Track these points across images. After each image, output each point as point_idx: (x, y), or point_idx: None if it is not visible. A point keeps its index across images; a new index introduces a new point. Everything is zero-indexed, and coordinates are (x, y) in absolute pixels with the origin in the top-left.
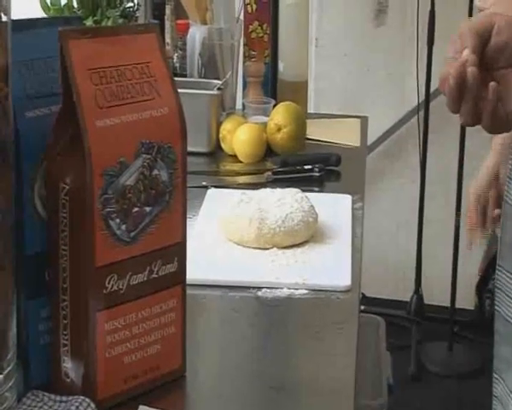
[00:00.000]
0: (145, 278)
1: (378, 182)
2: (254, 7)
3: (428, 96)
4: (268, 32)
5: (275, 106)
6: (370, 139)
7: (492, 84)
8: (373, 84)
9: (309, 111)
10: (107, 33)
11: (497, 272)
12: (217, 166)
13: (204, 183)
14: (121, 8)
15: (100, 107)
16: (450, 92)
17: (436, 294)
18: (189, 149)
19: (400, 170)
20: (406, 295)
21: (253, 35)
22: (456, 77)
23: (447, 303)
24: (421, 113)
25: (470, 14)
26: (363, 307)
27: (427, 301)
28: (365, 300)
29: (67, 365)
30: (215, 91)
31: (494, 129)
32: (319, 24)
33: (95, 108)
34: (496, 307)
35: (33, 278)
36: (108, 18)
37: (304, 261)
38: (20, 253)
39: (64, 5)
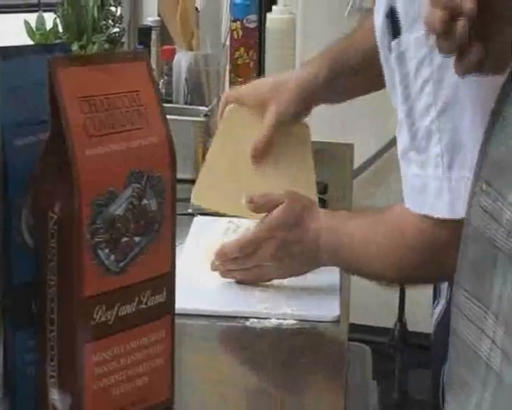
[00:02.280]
0: (134, 309)
1: (363, 206)
2: (240, 33)
3: None
4: (254, 58)
5: None
6: (356, 163)
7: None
8: (358, 109)
9: None
10: (96, 61)
11: (454, 290)
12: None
13: (190, 210)
14: (107, 34)
15: (89, 135)
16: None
17: (420, 321)
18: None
19: (386, 195)
20: (389, 321)
21: (239, 61)
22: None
23: (431, 330)
24: None
25: None
26: None
27: (410, 328)
28: (349, 326)
29: (55, 396)
30: (201, 118)
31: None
32: (303, 49)
33: (84, 137)
34: (452, 327)
35: (20, 308)
36: (94, 43)
37: (292, 291)
38: (8, 283)
39: (49, 30)
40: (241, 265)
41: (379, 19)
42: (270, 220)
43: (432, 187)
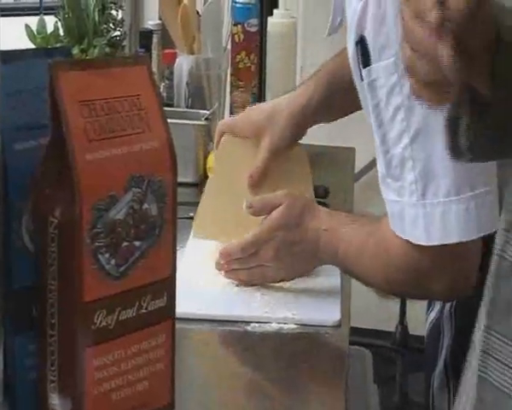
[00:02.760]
0: (134, 314)
1: (364, 211)
2: (242, 37)
3: None
4: (255, 62)
5: None
6: (357, 167)
7: None
8: (360, 114)
9: None
10: (97, 65)
11: (483, 333)
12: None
13: (191, 214)
14: (108, 37)
15: (90, 140)
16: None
17: (421, 324)
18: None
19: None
20: (391, 325)
21: (241, 65)
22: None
23: None
24: None
25: None
26: None
27: (411, 331)
28: (350, 330)
29: (55, 401)
30: (202, 121)
31: None
32: (304, 53)
33: (84, 141)
34: (480, 373)
35: (21, 313)
36: (95, 47)
37: (293, 295)
38: (8, 287)
39: (50, 33)
40: (244, 264)
41: (350, 47)
42: (271, 221)
43: (408, 214)
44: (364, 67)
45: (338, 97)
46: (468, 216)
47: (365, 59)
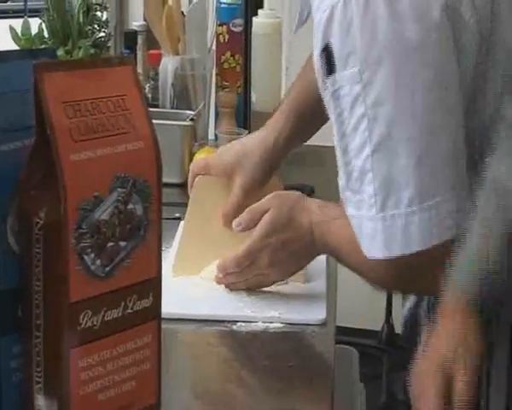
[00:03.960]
0: (120, 314)
1: None
2: (226, 37)
3: None
4: (240, 62)
5: None
6: None
7: None
8: None
9: None
10: (82, 66)
11: None
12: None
13: (177, 214)
14: (93, 39)
15: (74, 140)
16: None
17: None
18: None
19: None
20: (377, 324)
21: (226, 65)
22: None
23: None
24: None
25: None
26: None
27: (398, 330)
28: (336, 329)
29: (40, 402)
30: (187, 122)
31: None
32: (289, 53)
33: (69, 142)
34: None
35: (6, 314)
36: (80, 48)
37: (279, 295)
38: None
39: (35, 35)
40: (241, 277)
41: (316, 54)
42: (261, 229)
43: (366, 228)
44: (329, 75)
45: (308, 121)
46: (432, 223)
47: (330, 67)
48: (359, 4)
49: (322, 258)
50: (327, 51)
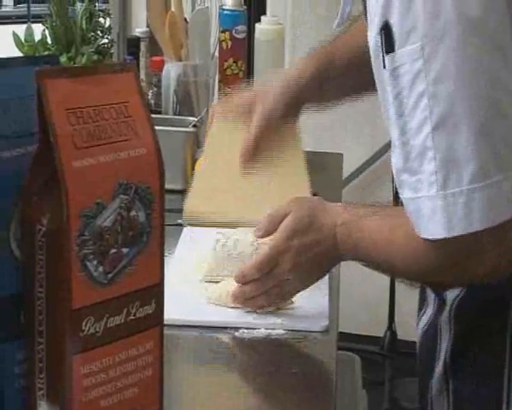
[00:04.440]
0: (122, 321)
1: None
2: (229, 43)
3: None
4: (243, 68)
5: None
6: (346, 173)
7: None
8: (346, 119)
9: None
10: (84, 73)
11: None
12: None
13: (179, 221)
14: (96, 45)
15: (77, 147)
16: None
17: (409, 329)
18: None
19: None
20: (379, 330)
21: (228, 72)
22: None
23: None
24: None
25: None
26: None
27: (400, 336)
28: (338, 335)
29: (43, 409)
30: (190, 128)
31: None
32: (292, 60)
33: (72, 149)
34: None
35: (9, 321)
36: (83, 55)
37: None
38: None
39: (38, 41)
40: (262, 286)
41: (372, 35)
42: (281, 232)
43: (425, 208)
44: (388, 53)
45: (331, 78)
46: (491, 202)
47: (389, 45)
48: None
49: None
50: (385, 30)
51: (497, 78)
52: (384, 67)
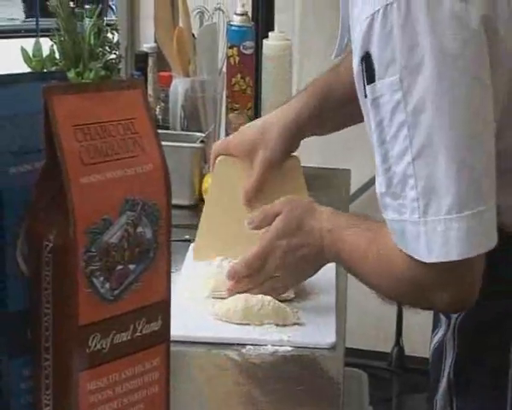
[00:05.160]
0: (129, 337)
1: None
2: (237, 59)
3: None
4: (251, 84)
5: None
6: (353, 188)
7: None
8: (354, 135)
9: None
10: (91, 89)
11: None
12: (199, 219)
13: (187, 236)
14: (103, 60)
15: (84, 163)
16: None
17: (417, 345)
18: (172, 202)
19: (382, 219)
20: (387, 346)
21: (236, 87)
22: None
23: (428, 355)
24: None
25: None
26: None
27: (408, 352)
28: (345, 351)
29: None
30: (198, 144)
31: None
32: (299, 75)
33: (79, 165)
34: None
35: (15, 337)
36: (91, 70)
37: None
38: (3, 311)
39: (46, 57)
40: (253, 282)
41: (355, 63)
42: (272, 232)
43: (409, 231)
44: (369, 83)
45: (330, 111)
46: (469, 234)
47: (370, 75)
48: (400, 14)
49: (331, 276)
50: (366, 60)
51: (476, 109)
52: (365, 96)
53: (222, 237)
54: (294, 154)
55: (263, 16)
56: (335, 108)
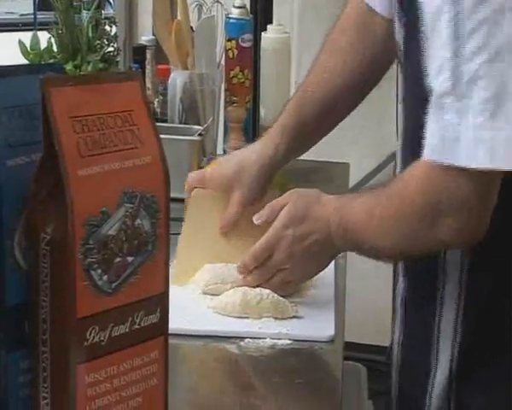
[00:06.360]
0: (127, 330)
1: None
2: (235, 52)
3: None
4: (249, 77)
5: None
6: (351, 182)
7: None
8: (352, 128)
9: None
10: (89, 81)
11: None
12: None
13: None
14: (101, 53)
15: (82, 156)
16: None
17: None
18: (170, 195)
19: None
20: (386, 340)
21: (235, 80)
22: None
23: None
24: None
25: None
26: None
27: None
28: (344, 345)
29: None
30: (196, 137)
31: None
32: (298, 68)
33: (77, 157)
34: None
35: (13, 330)
36: (89, 63)
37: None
38: (0, 304)
39: (44, 49)
40: (262, 275)
41: None
42: (278, 221)
43: (468, 136)
44: None
45: (305, 136)
46: None
47: None
48: None
49: (330, 270)
50: None
51: None
52: None
53: (199, 267)
54: None
55: (261, 9)
56: (313, 127)
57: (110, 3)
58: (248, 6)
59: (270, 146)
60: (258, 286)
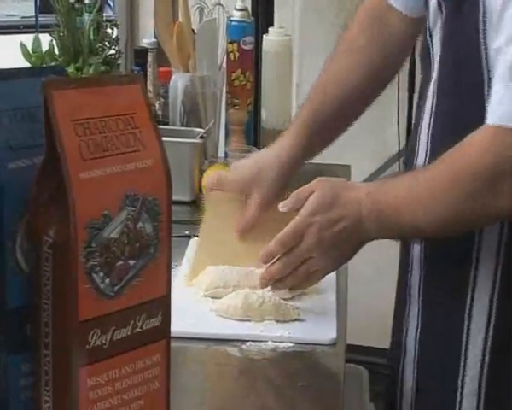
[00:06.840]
0: (129, 333)
1: None
2: (237, 55)
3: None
4: (251, 80)
5: None
6: None
7: None
8: (354, 131)
9: None
10: (91, 84)
11: None
12: (199, 215)
13: (186, 232)
14: (103, 56)
15: (84, 159)
16: None
17: None
18: (172, 197)
19: None
20: (388, 342)
21: (236, 83)
22: None
23: None
24: (402, 159)
25: None
26: None
27: None
28: (346, 348)
29: None
30: (197, 140)
31: None
32: (299, 70)
33: (79, 160)
34: None
35: (15, 333)
36: (90, 65)
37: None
38: (2, 307)
39: (45, 52)
40: (288, 264)
41: None
42: (306, 208)
43: None
44: None
45: (320, 138)
46: None
47: None
48: None
49: (332, 274)
50: None
51: None
52: None
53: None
54: None
55: (263, 11)
56: (329, 128)
57: (110, 6)
58: (250, 8)
59: (287, 147)
60: (281, 279)
